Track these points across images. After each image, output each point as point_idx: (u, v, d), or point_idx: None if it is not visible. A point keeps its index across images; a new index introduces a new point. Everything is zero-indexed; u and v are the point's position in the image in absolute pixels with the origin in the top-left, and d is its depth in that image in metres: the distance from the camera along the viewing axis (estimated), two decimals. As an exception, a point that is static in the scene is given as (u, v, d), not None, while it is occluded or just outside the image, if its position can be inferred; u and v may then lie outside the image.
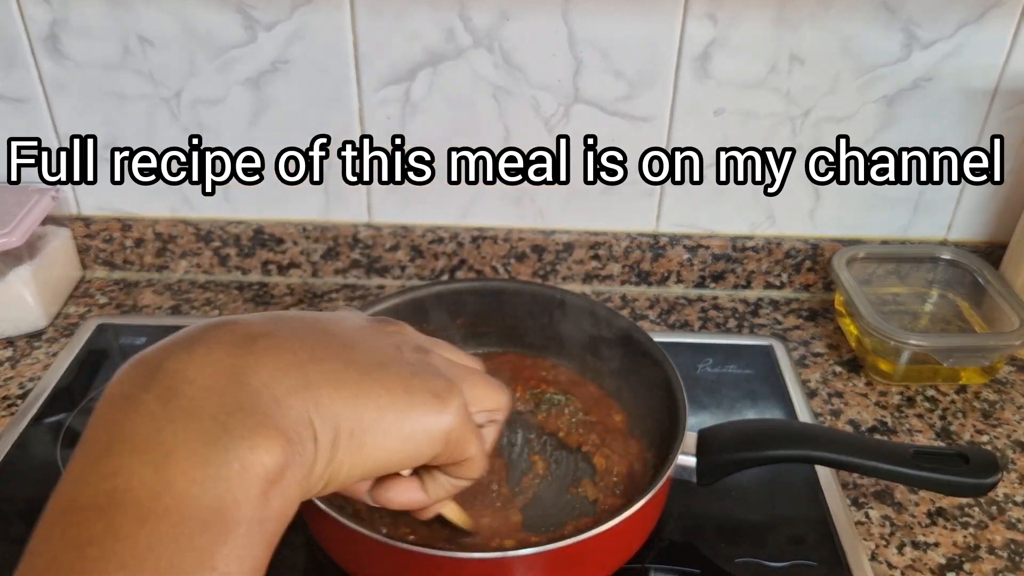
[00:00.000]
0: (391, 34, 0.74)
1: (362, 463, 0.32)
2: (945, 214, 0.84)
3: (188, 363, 0.30)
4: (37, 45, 0.75)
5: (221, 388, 0.29)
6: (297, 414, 0.30)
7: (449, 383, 0.35)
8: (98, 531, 0.25)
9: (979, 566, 0.58)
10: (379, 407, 0.32)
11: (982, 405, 0.73)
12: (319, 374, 0.31)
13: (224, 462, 0.27)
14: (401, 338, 0.38)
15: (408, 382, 0.34)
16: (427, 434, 0.34)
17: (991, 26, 0.73)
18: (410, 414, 0.33)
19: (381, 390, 0.32)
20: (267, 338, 0.31)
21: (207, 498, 0.26)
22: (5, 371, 0.74)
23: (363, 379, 0.32)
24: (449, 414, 0.34)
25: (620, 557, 0.55)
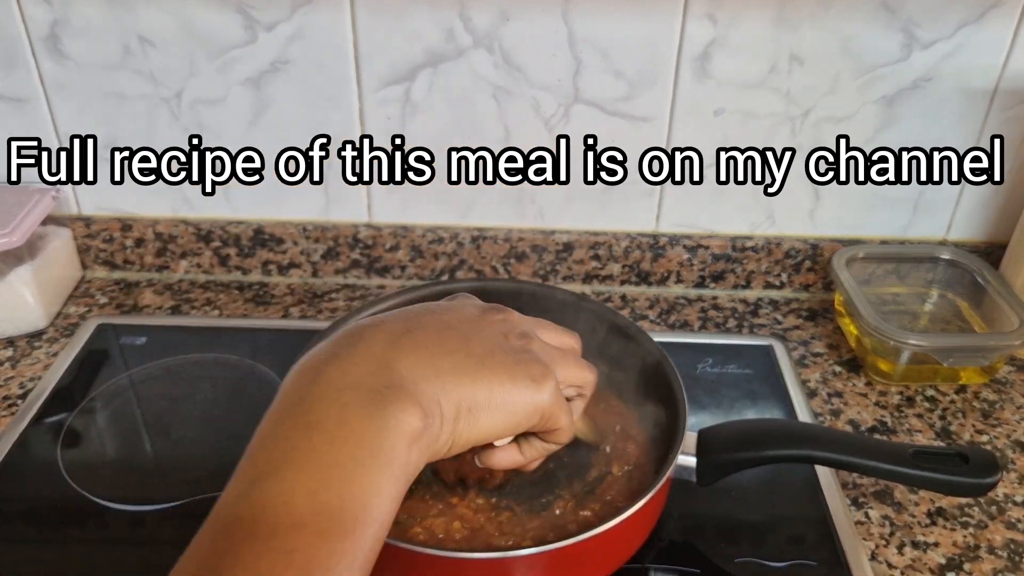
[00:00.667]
0: (391, 34, 0.74)
1: (477, 432, 0.42)
2: (945, 214, 0.84)
3: (354, 352, 0.40)
4: (37, 45, 0.75)
5: (377, 371, 0.39)
6: (430, 395, 0.39)
7: (544, 368, 0.44)
8: (300, 442, 0.35)
9: (979, 566, 0.58)
10: (490, 390, 0.41)
11: (982, 405, 0.73)
12: (446, 364, 0.41)
13: (384, 416, 0.37)
14: (507, 326, 0.46)
15: (512, 369, 0.43)
16: (526, 410, 0.43)
17: (991, 26, 0.73)
18: (513, 395, 0.42)
19: (491, 376, 0.42)
20: (408, 335, 0.42)
21: (375, 438, 0.36)
22: (5, 371, 0.74)
23: (478, 368, 0.42)
24: (543, 394, 0.43)
25: (620, 557, 0.55)
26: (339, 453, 0.35)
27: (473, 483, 0.59)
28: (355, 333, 0.41)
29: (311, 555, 0.32)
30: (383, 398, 0.37)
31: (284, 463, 0.34)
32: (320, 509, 0.33)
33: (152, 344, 0.76)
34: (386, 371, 0.39)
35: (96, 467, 0.64)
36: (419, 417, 0.38)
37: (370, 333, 0.41)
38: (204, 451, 0.65)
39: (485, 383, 0.41)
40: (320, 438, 0.35)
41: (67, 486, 0.62)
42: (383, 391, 0.38)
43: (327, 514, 0.33)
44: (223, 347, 0.76)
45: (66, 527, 0.59)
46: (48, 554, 0.58)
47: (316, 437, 0.35)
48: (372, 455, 0.36)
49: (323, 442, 0.35)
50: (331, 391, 0.37)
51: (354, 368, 0.39)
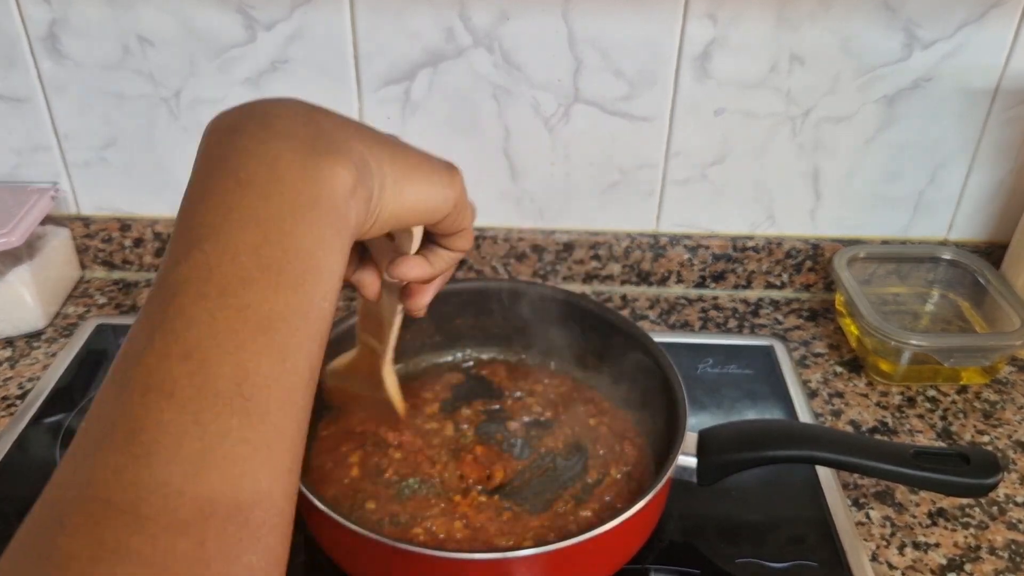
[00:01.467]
0: (391, 34, 0.74)
1: (401, 203, 0.40)
2: (946, 214, 0.84)
3: (275, 105, 0.37)
4: (36, 45, 0.75)
5: (303, 123, 0.36)
6: (359, 153, 0.37)
7: (453, 165, 0.45)
8: (232, 199, 0.33)
9: (980, 567, 0.58)
10: (411, 165, 0.41)
11: (983, 405, 0.73)
12: (368, 135, 0.39)
13: (317, 167, 0.34)
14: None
15: (428, 156, 0.43)
16: (443, 193, 0.43)
17: (991, 26, 0.73)
18: (431, 176, 0.42)
19: (413, 156, 0.42)
20: (321, 107, 0.39)
21: (311, 189, 0.34)
22: (4, 371, 0.74)
23: (399, 146, 0.41)
24: (457, 183, 0.44)
25: (621, 557, 0.55)
26: (277, 207, 0.33)
27: (474, 483, 0.59)
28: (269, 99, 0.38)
29: (266, 308, 0.31)
30: (314, 149, 0.35)
31: (222, 223, 0.32)
32: (267, 263, 0.32)
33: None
34: (312, 124, 0.36)
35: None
36: (352, 171, 0.36)
37: (283, 99, 0.38)
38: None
39: (408, 158, 0.41)
40: (254, 193, 0.33)
41: (66, 486, 0.62)
42: (312, 142, 0.35)
43: (275, 268, 0.32)
44: (222, 347, 0.76)
45: (65, 528, 0.59)
46: (47, 555, 0.58)
47: (250, 193, 0.33)
48: (311, 206, 0.34)
49: (258, 197, 0.33)
50: (256, 143, 0.35)
51: (278, 121, 0.36)
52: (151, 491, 0.27)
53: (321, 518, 0.50)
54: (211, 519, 0.27)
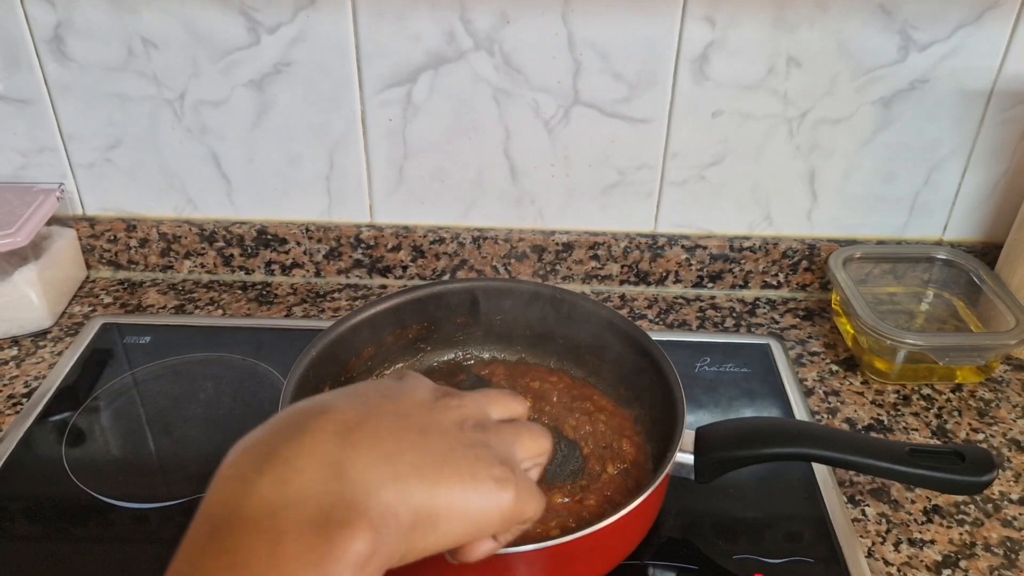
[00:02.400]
0: (392, 36, 0.74)
1: (434, 543, 0.37)
2: (941, 214, 0.84)
3: (298, 452, 0.34)
4: (41, 47, 0.76)
5: (325, 479, 0.33)
6: (386, 506, 0.34)
7: (504, 467, 0.40)
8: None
9: (975, 563, 0.59)
10: (451, 496, 0.37)
11: (978, 404, 0.73)
12: (405, 465, 0.36)
13: (328, 548, 0.31)
14: (461, 414, 0.42)
15: (474, 468, 0.38)
16: (489, 517, 0.39)
17: (988, 28, 0.73)
18: (476, 500, 0.38)
19: (455, 479, 0.37)
20: (361, 430, 0.36)
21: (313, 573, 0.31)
22: (10, 370, 0.74)
23: (439, 469, 0.37)
24: (507, 495, 0.39)
25: (619, 554, 0.56)
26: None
27: None
28: (298, 421, 0.36)
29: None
30: (328, 520, 0.32)
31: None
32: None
33: (156, 343, 0.77)
34: (337, 480, 0.33)
35: (100, 465, 0.65)
36: (369, 539, 0.32)
37: (317, 422, 0.35)
38: (207, 449, 0.66)
39: (446, 488, 0.37)
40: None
41: (71, 484, 0.63)
42: (328, 510, 0.32)
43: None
44: (226, 346, 0.77)
45: (70, 525, 0.60)
46: (52, 551, 0.58)
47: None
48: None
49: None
50: (264, 515, 0.31)
51: (296, 477, 0.33)
52: None
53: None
54: None
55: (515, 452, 0.42)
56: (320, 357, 0.62)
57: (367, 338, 0.67)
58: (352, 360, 0.67)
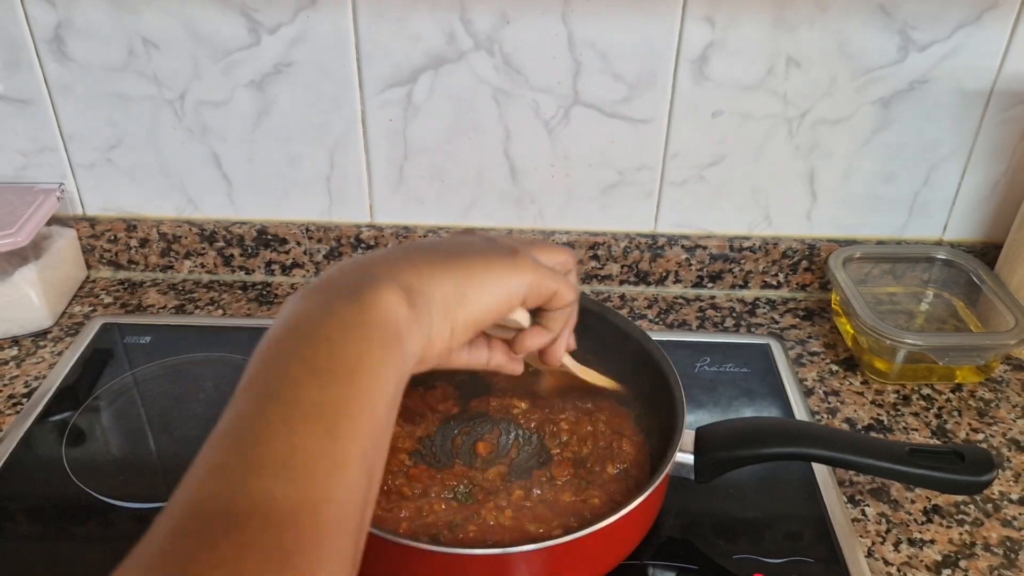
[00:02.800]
0: (393, 37, 0.74)
1: (472, 312, 0.44)
2: (941, 214, 0.84)
3: (332, 273, 0.42)
4: (42, 47, 0.76)
5: (350, 272, 0.41)
6: (407, 278, 0.41)
7: (513, 248, 0.47)
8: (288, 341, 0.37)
9: (975, 563, 0.59)
10: (467, 274, 0.44)
11: (977, 404, 0.74)
12: (420, 259, 0.43)
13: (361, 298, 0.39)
14: (474, 234, 0.50)
15: (485, 253, 0.46)
16: (509, 283, 0.46)
17: (987, 28, 0.74)
18: (492, 270, 0.45)
19: (466, 263, 0.45)
20: (376, 254, 0.44)
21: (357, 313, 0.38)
22: (11, 370, 0.74)
23: (449, 258, 0.44)
24: (520, 265, 0.46)
25: (619, 554, 0.56)
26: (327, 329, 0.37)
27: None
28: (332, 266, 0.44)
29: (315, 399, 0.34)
30: (359, 285, 0.39)
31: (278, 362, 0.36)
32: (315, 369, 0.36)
33: (156, 343, 0.77)
34: (359, 270, 0.41)
35: (100, 465, 0.65)
36: (404, 299, 0.40)
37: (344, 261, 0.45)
38: (208, 449, 0.66)
39: (460, 267, 0.44)
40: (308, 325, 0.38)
41: (71, 484, 0.63)
42: (358, 282, 0.40)
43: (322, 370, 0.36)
44: (226, 346, 0.77)
45: (70, 524, 0.60)
46: (52, 551, 0.58)
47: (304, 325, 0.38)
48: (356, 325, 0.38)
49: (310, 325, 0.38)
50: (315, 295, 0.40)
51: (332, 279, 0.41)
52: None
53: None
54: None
55: (530, 250, 0.49)
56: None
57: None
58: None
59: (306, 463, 0.33)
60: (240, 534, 0.29)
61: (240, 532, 0.30)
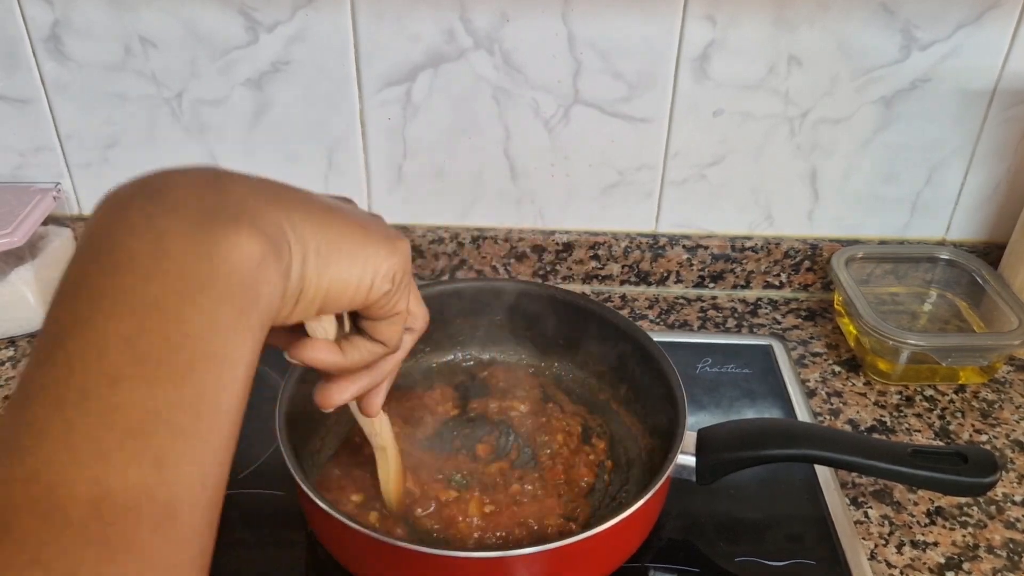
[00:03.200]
0: (392, 35, 0.74)
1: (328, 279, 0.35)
2: (943, 214, 0.84)
3: (174, 175, 0.32)
4: (39, 46, 0.75)
5: (203, 192, 0.31)
6: (274, 222, 0.32)
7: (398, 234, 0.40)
8: (107, 287, 0.28)
9: (978, 565, 0.59)
10: (341, 233, 0.36)
11: (981, 405, 0.73)
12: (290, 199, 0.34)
13: (214, 240, 0.30)
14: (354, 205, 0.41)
15: (365, 223, 0.38)
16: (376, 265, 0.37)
17: (989, 27, 0.73)
18: (367, 245, 0.37)
19: (343, 222, 0.36)
20: (238, 173, 0.34)
21: (203, 265, 0.29)
22: (7, 371, 0.74)
23: (328, 212, 0.36)
24: (399, 254, 0.39)
25: (620, 556, 0.55)
26: (159, 289, 0.28)
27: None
28: (172, 168, 0.33)
29: (141, 409, 0.26)
30: (211, 220, 0.30)
31: (91, 313, 0.27)
32: (142, 356, 0.27)
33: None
34: (214, 191, 0.32)
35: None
36: (261, 242, 0.31)
37: (189, 169, 0.33)
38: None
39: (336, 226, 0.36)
40: (132, 278, 0.28)
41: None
42: (210, 212, 0.30)
43: (152, 360, 0.27)
44: (224, 347, 0.76)
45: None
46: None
47: (127, 277, 0.28)
48: (203, 285, 0.29)
49: (137, 281, 0.28)
50: (143, 219, 0.30)
51: (173, 192, 0.31)
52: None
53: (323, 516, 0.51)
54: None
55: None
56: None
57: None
58: (351, 361, 0.66)
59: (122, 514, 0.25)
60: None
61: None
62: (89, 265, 0.29)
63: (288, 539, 0.58)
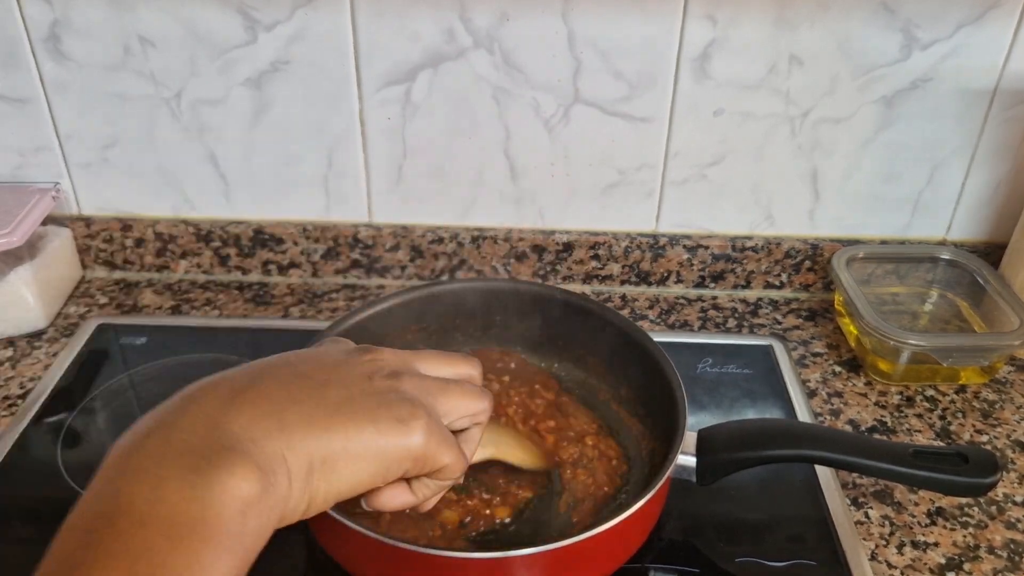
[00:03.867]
0: (392, 35, 0.74)
1: (338, 486, 0.38)
2: (944, 214, 0.84)
3: (181, 417, 0.36)
4: (38, 46, 0.75)
5: (205, 435, 0.35)
6: (272, 452, 0.35)
7: (413, 407, 0.40)
8: (105, 533, 0.31)
9: (979, 566, 0.58)
10: (347, 438, 0.37)
11: (981, 405, 0.73)
12: (293, 415, 0.37)
13: (207, 484, 0.33)
14: (375, 366, 0.42)
15: (374, 413, 0.39)
16: (393, 455, 0.39)
17: (990, 26, 0.73)
18: (376, 440, 0.38)
19: (348, 423, 0.38)
20: (250, 391, 0.37)
21: (194, 510, 0.32)
22: (6, 371, 0.74)
23: (332, 416, 0.38)
24: (413, 436, 0.39)
25: (620, 557, 0.55)
26: (152, 534, 0.31)
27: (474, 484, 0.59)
28: (189, 395, 0.37)
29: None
30: (208, 464, 0.33)
31: (87, 557, 0.30)
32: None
33: (152, 344, 0.76)
34: (216, 432, 0.35)
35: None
36: (254, 479, 0.34)
37: (205, 392, 0.37)
38: (204, 451, 0.66)
39: (340, 431, 0.37)
40: (127, 522, 0.31)
41: (67, 486, 0.62)
42: (209, 456, 0.34)
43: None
44: (223, 347, 0.76)
45: (66, 527, 0.59)
46: (48, 554, 0.58)
47: (123, 522, 0.31)
48: (192, 530, 0.32)
49: (131, 526, 0.31)
50: (148, 465, 0.33)
51: (178, 435, 0.34)
52: None
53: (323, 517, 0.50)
54: None
55: (436, 402, 0.42)
56: (318, 358, 0.61)
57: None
58: (350, 361, 0.66)
59: None
60: None
61: None
62: (92, 506, 0.33)
63: (287, 539, 0.58)
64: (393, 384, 0.41)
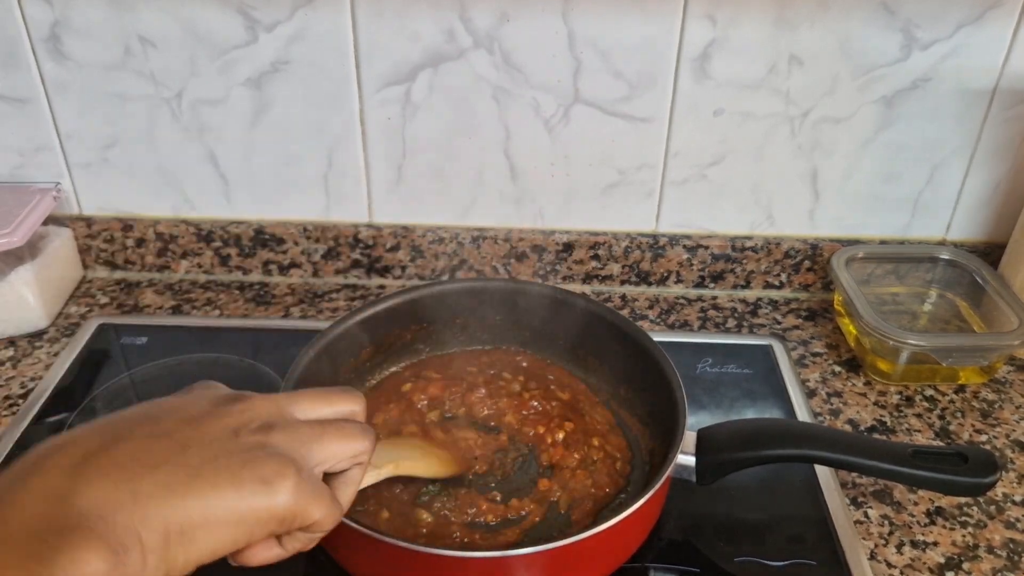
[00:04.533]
0: (392, 35, 0.74)
1: (197, 554, 0.35)
2: (944, 214, 0.84)
3: (22, 492, 0.33)
4: (38, 46, 0.75)
5: (48, 512, 0.32)
6: (124, 527, 0.33)
7: (280, 465, 0.38)
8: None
9: (978, 565, 0.58)
10: (206, 505, 0.35)
11: (981, 405, 0.73)
12: (148, 484, 0.34)
13: (50, 571, 0.30)
14: (245, 418, 0.40)
15: (237, 474, 0.36)
16: (257, 517, 0.37)
17: (990, 26, 0.73)
18: (238, 504, 0.36)
19: (208, 488, 0.36)
20: (100, 457, 0.35)
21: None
22: (7, 371, 0.74)
23: (192, 481, 0.35)
24: (278, 496, 0.37)
25: (620, 556, 0.55)
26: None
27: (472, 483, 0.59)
28: (33, 463, 0.34)
29: None
30: (49, 548, 0.31)
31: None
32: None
33: (153, 344, 0.77)
34: (61, 509, 0.32)
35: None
36: (103, 561, 0.31)
37: (50, 460, 0.34)
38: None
39: (199, 498, 0.35)
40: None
41: (68, 485, 0.62)
42: (49, 539, 0.31)
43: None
44: (224, 347, 0.76)
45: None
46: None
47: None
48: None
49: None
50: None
51: (17, 516, 0.32)
52: None
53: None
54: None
55: (310, 452, 0.40)
56: (318, 358, 0.62)
57: (365, 339, 0.67)
58: (350, 361, 0.66)
59: None
60: None
61: None
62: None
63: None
64: (261, 439, 0.39)
